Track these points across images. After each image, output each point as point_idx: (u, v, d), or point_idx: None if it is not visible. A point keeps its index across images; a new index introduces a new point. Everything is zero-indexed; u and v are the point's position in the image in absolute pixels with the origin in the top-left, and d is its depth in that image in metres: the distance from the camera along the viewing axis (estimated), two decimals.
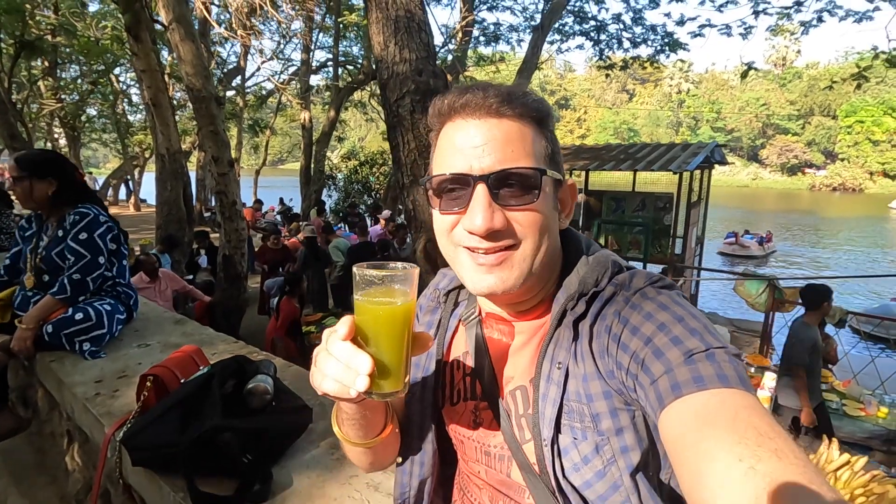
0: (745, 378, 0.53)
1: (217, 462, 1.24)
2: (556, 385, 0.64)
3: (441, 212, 0.67)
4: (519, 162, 0.63)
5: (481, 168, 0.62)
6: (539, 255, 0.65)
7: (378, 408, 0.72)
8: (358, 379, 0.54)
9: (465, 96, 0.65)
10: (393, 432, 0.77)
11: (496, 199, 0.63)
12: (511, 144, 0.63)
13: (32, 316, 2.04)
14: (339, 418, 0.72)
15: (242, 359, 1.55)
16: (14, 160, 2.15)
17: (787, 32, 14.22)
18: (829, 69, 58.93)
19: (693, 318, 0.59)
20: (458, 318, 0.81)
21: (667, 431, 0.52)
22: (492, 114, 0.64)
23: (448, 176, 0.65)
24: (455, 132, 0.66)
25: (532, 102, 0.66)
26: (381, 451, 0.79)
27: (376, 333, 0.57)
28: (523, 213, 0.64)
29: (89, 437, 1.76)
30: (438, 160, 0.68)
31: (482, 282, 0.65)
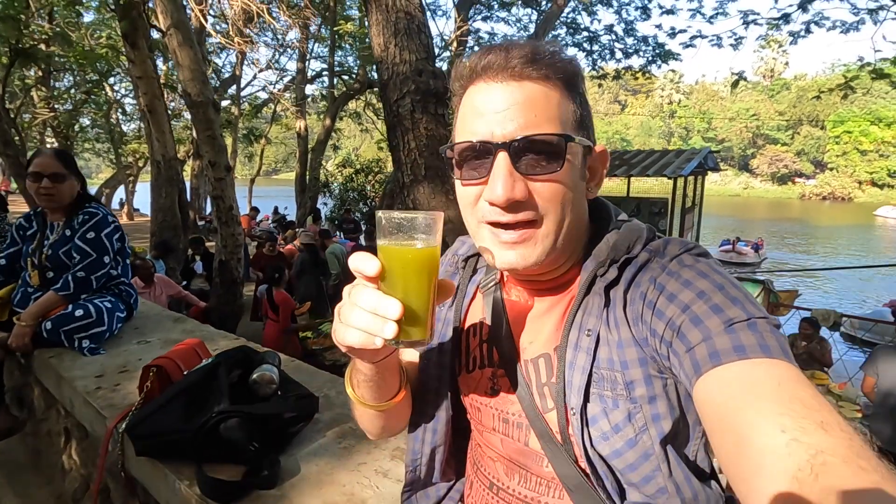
0: (787, 350, 0.51)
1: (224, 449, 1.23)
2: (586, 353, 0.63)
3: (463, 182, 0.65)
4: (543, 128, 0.59)
5: (503, 135, 0.59)
6: (563, 230, 0.63)
7: (393, 370, 0.71)
8: (386, 326, 0.53)
9: (487, 57, 0.62)
10: (406, 398, 0.76)
11: (518, 168, 0.60)
12: (535, 109, 0.60)
13: (32, 312, 2.02)
14: (355, 379, 0.71)
15: (248, 349, 1.54)
16: (56, 156, 2.16)
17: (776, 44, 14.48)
18: (817, 80, 59.93)
19: (733, 286, 0.57)
20: (477, 284, 0.80)
21: (704, 399, 0.51)
22: (514, 76, 0.60)
23: (468, 144, 0.62)
24: (476, 96, 0.63)
25: (560, 62, 0.62)
26: (393, 415, 0.77)
27: (403, 277, 0.56)
28: (547, 183, 0.61)
29: (89, 433, 1.73)
30: (460, 126, 0.66)
31: (504, 258, 0.63)
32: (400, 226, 0.56)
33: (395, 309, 0.53)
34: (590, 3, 12.14)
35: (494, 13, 13.04)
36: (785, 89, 64.21)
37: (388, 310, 0.53)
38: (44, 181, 2.09)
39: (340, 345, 0.58)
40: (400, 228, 0.56)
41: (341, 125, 19.44)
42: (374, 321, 0.54)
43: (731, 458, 0.46)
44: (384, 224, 0.56)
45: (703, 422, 0.52)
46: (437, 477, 0.82)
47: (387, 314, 0.53)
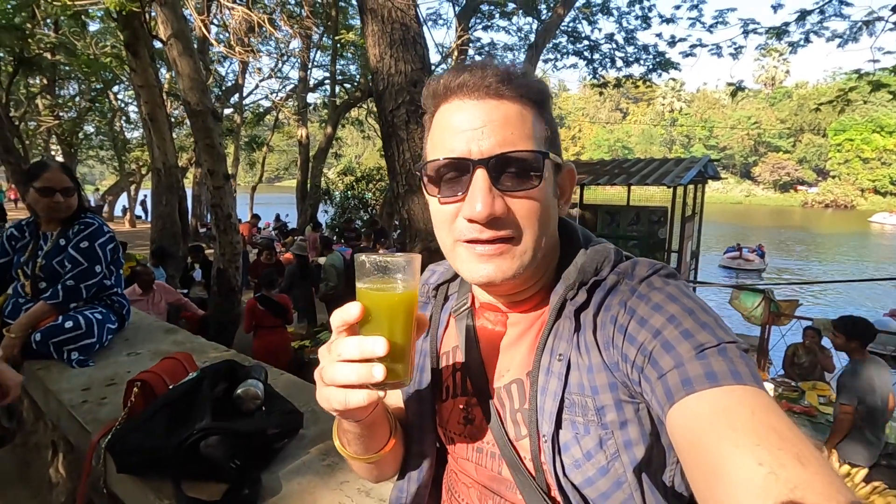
0: (757, 375, 0.51)
1: (205, 466, 1.21)
2: (557, 377, 0.62)
3: (441, 200, 0.64)
4: (520, 145, 0.60)
5: (480, 151, 0.59)
6: (540, 246, 0.63)
7: (381, 420, 0.71)
8: (374, 369, 0.52)
9: (461, 76, 0.62)
10: (397, 444, 0.75)
11: (496, 185, 0.60)
12: (511, 126, 0.60)
13: (22, 324, 2.01)
14: (343, 437, 0.71)
15: (233, 363, 1.52)
16: (65, 172, 2.19)
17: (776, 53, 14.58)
18: (818, 88, 60.11)
19: (703, 311, 0.57)
20: (449, 311, 0.78)
21: (677, 428, 0.50)
22: (490, 94, 0.61)
23: (445, 161, 0.62)
24: (452, 114, 0.63)
25: (533, 83, 0.63)
26: (389, 462, 0.77)
27: (388, 318, 0.56)
28: (524, 200, 0.61)
29: (74, 447, 1.71)
30: (434, 144, 0.65)
31: (480, 271, 0.62)
32: (381, 268, 0.56)
33: (380, 345, 0.52)
34: (590, 13, 12.23)
35: (495, 23, 13.13)
36: (786, 97, 64.35)
37: (374, 347, 0.52)
38: (56, 196, 2.12)
39: (330, 410, 0.58)
40: (381, 271, 0.56)
41: (343, 133, 19.56)
42: (361, 369, 0.53)
43: (705, 488, 0.46)
44: (367, 267, 0.56)
45: (677, 450, 0.51)
46: None
47: (374, 351, 0.52)
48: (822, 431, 4.81)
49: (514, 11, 12.48)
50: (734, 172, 63.81)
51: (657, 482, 0.62)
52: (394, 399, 0.82)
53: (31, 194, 2.14)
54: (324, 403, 0.57)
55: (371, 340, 0.53)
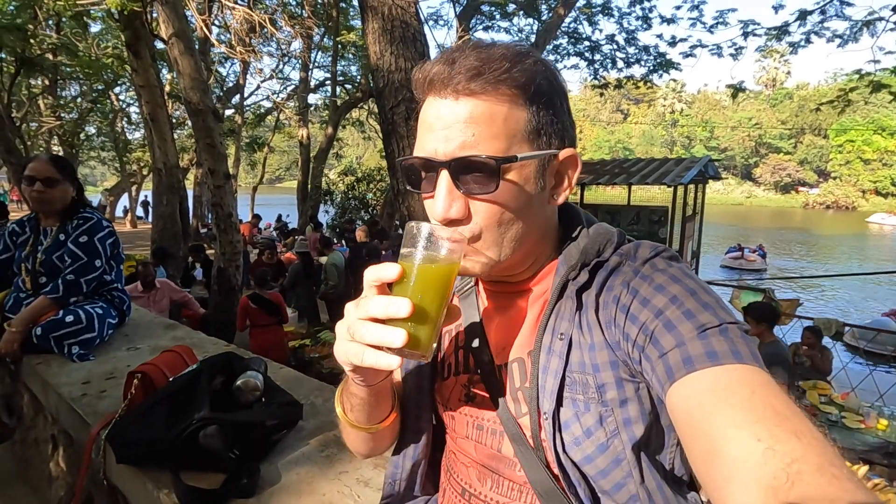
0: (757, 355, 0.52)
1: (204, 456, 1.21)
2: (558, 356, 0.62)
3: (422, 195, 0.65)
4: (479, 148, 0.58)
5: (444, 153, 0.59)
6: (504, 245, 0.62)
7: (387, 392, 0.71)
8: (396, 334, 0.52)
9: (433, 70, 0.60)
10: (396, 419, 0.76)
11: (459, 187, 0.59)
12: (476, 126, 0.58)
13: (22, 318, 2.02)
14: (347, 402, 0.71)
15: (232, 355, 1.53)
16: (51, 161, 2.17)
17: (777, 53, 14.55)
18: (819, 89, 60.06)
19: (705, 291, 0.57)
20: (454, 291, 0.79)
21: (677, 406, 0.51)
22: (457, 92, 0.58)
23: (417, 160, 0.62)
24: (427, 110, 0.62)
25: (515, 72, 0.58)
26: (384, 437, 0.78)
27: (422, 286, 0.55)
28: (484, 203, 0.60)
29: (74, 440, 1.71)
30: (417, 138, 0.65)
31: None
32: (428, 238, 0.56)
33: (405, 306, 0.52)
34: (591, 13, 12.24)
35: (496, 23, 13.15)
36: (787, 98, 64.34)
37: (399, 308, 0.52)
38: (36, 185, 2.09)
39: (346, 364, 0.58)
40: (428, 240, 0.56)
41: (344, 134, 19.59)
42: (383, 332, 0.52)
43: (704, 464, 0.46)
44: (414, 233, 0.57)
45: (676, 428, 0.52)
46: (417, 490, 0.82)
47: (398, 312, 0.52)
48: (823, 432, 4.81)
49: (514, 12, 12.49)
50: (735, 173, 63.78)
51: (656, 462, 0.63)
52: (394, 375, 0.82)
53: (23, 188, 2.15)
54: (341, 356, 0.57)
55: (398, 301, 0.52)
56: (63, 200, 2.17)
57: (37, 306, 2.04)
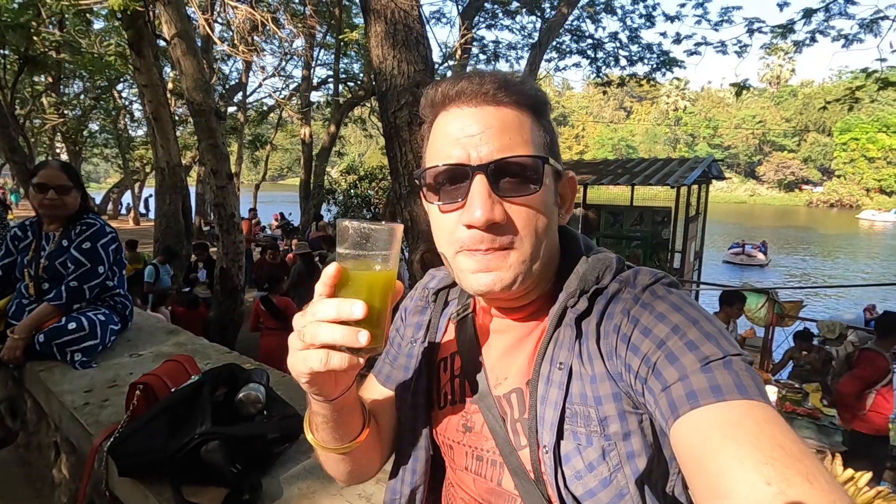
0: (762, 389, 0.50)
1: (206, 471, 1.21)
2: (558, 387, 0.61)
3: (441, 208, 0.63)
4: (518, 150, 0.60)
5: (479, 157, 0.59)
6: (539, 254, 0.62)
7: (353, 407, 0.69)
8: (360, 333, 0.52)
9: (459, 84, 0.62)
10: (371, 436, 0.73)
11: (496, 191, 0.59)
12: (509, 132, 0.60)
13: (25, 325, 2.02)
14: (313, 422, 0.69)
15: (234, 367, 1.52)
16: (62, 168, 2.18)
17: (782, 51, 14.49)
18: (824, 87, 59.70)
19: (707, 321, 0.56)
20: (448, 317, 0.78)
21: (681, 441, 0.50)
22: (488, 101, 0.61)
23: (445, 168, 0.61)
24: (450, 121, 0.63)
25: (529, 90, 0.63)
26: (360, 458, 0.75)
27: (366, 284, 0.55)
28: (523, 207, 0.61)
29: (76, 448, 1.72)
30: (433, 152, 0.65)
31: (479, 279, 0.61)
32: (363, 235, 0.56)
33: (359, 308, 0.52)
34: (594, 11, 12.17)
35: (499, 21, 13.09)
36: (791, 96, 64.00)
37: (352, 309, 0.52)
38: (49, 192, 2.11)
39: (304, 374, 0.56)
40: (363, 237, 0.56)
41: (346, 131, 19.57)
42: (346, 330, 0.52)
43: (709, 503, 0.45)
44: (349, 233, 0.56)
45: (680, 463, 0.51)
46: None
47: (351, 313, 0.52)
48: (826, 434, 4.79)
49: (517, 10, 12.43)
50: (738, 172, 63.54)
51: (658, 493, 0.62)
52: (382, 397, 0.81)
53: (31, 191, 2.15)
54: (299, 366, 0.55)
55: (349, 303, 0.52)
56: (73, 207, 2.18)
57: (40, 313, 2.04)
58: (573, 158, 28.47)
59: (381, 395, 0.81)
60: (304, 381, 0.58)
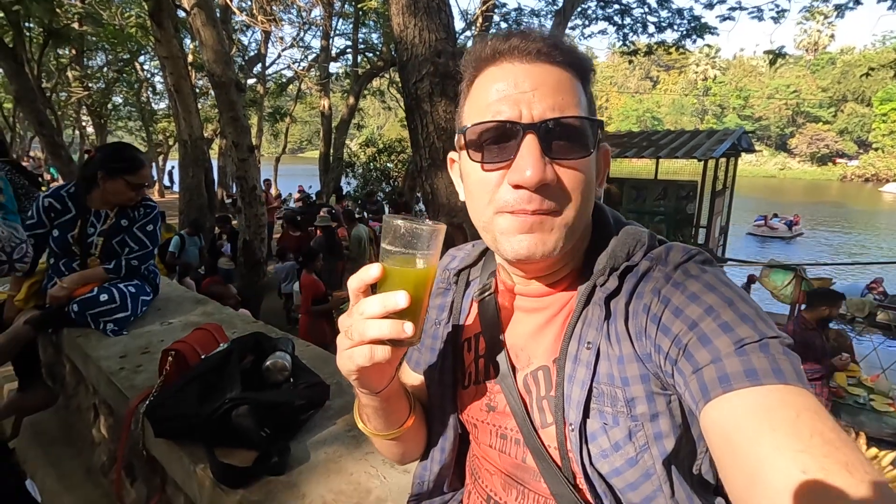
0: (801, 373, 0.48)
1: (236, 434, 1.26)
2: (586, 366, 0.60)
3: (484, 166, 0.61)
4: (571, 111, 0.58)
5: (532, 115, 0.57)
6: (581, 220, 0.61)
7: (399, 395, 0.71)
8: (405, 325, 0.54)
9: (511, 39, 0.60)
10: (418, 421, 0.76)
11: (547, 152, 0.57)
12: (562, 93, 0.59)
13: (74, 279, 2.12)
14: (364, 413, 0.72)
15: (261, 335, 1.56)
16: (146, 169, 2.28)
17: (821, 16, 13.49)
18: (865, 54, 56.59)
19: (743, 301, 0.54)
20: (471, 297, 0.77)
21: (713, 426, 0.48)
22: (542, 58, 0.59)
23: (493, 124, 0.59)
24: (499, 76, 0.60)
25: (581, 53, 0.62)
26: (410, 440, 0.78)
27: (406, 280, 0.57)
28: (573, 170, 0.59)
29: (114, 411, 1.80)
30: (477, 107, 0.62)
31: (521, 243, 0.59)
32: (408, 232, 0.57)
33: (402, 298, 0.53)
34: None
35: None
36: (829, 64, 60.91)
37: (396, 301, 0.54)
38: (143, 190, 2.23)
39: (352, 372, 0.59)
40: (408, 234, 0.57)
41: (364, 103, 19.40)
42: (393, 323, 0.54)
43: (743, 491, 0.44)
44: (394, 230, 0.58)
45: (711, 449, 0.50)
46: (445, 488, 0.83)
47: (396, 304, 0.53)
48: (851, 413, 4.74)
49: None
50: (769, 144, 61.22)
51: (685, 472, 0.61)
52: (416, 382, 0.83)
53: (118, 184, 2.13)
54: (347, 364, 0.57)
55: (392, 295, 0.54)
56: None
57: (93, 274, 2.14)
58: None
59: (416, 381, 0.83)
60: (354, 378, 0.60)
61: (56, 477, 2.20)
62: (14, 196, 2.79)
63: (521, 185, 0.57)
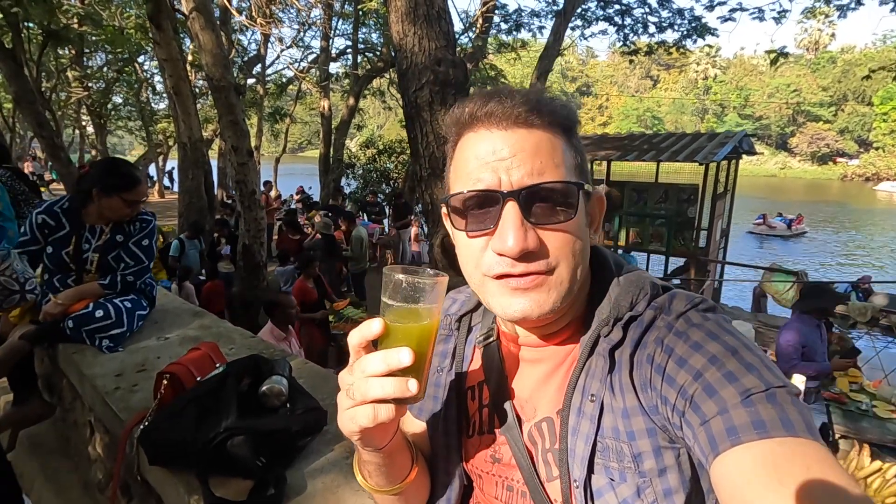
0: (811, 424, 0.47)
1: (231, 463, 1.24)
2: (590, 420, 0.59)
3: (469, 234, 0.61)
4: (551, 175, 0.58)
5: (510, 182, 0.58)
6: (577, 278, 0.60)
7: (401, 448, 0.69)
8: (409, 382, 0.52)
9: (489, 104, 0.59)
10: (421, 474, 0.74)
11: (528, 217, 0.57)
12: (541, 156, 0.58)
13: (69, 294, 2.09)
14: (364, 469, 0.70)
15: (258, 358, 1.54)
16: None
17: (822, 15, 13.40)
18: (866, 53, 56.47)
19: (747, 349, 0.53)
20: (473, 344, 0.75)
21: (722, 482, 0.47)
22: (519, 123, 0.59)
23: (473, 193, 0.59)
24: (478, 143, 0.60)
25: (560, 109, 0.61)
26: (413, 495, 0.76)
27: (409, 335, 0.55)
28: (558, 232, 0.58)
29: (109, 430, 1.78)
30: (459, 175, 0.62)
31: (514, 306, 0.59)
32: (409, 286, 0.56)
33: (406, 356, 0.51)
34: None
35: None
36: (830, 63, 60.73)
37: (400, 358, 0.52)
38: (138, 206, 2.19)
39: (355, 433, 0.57)
40: (408, 288, 0.56)
41: (364, 104, 19.36)
42: (396, 381, 0.52)
43: None
44: (394, 283, 0.56)
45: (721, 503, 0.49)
46: None
47: (400, 362, 0.51)
48: (853, 419, 4.70)
49: None
50: (769, 144, 61.11)
51: None
52: (418, 430, 0.81)
53: (114, 202, 2.10)
54: (349, 425, 0.56)
55: (395, 352, 0.52)
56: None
57: (87, 289, 2.11)
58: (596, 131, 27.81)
59: (418, 429, 0.81)
60: (356, 438, 0.58)
61: (53, 491, 2.18)
62: (13, 202, 2.76)
63: (504, 253, 0.57)
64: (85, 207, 2.15)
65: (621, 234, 9.07)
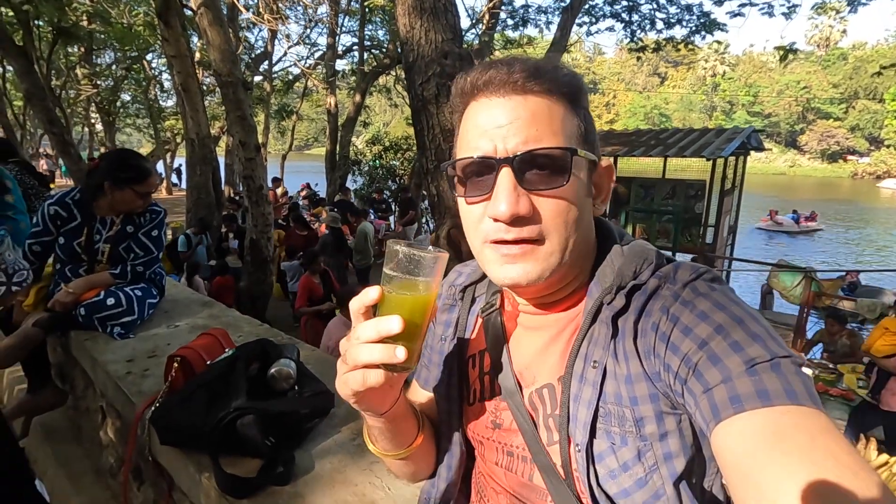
0: (814, 393, 0.48)
1: (241, 443, 1.26)
2: (592, 386, 0.60)
3: (467, 200, 0.63)
4: (547, 141, 0.59)
5: (506, 150, 0.59)
6: (568, 248, 0.61)
7: (406, 415, 0.71)
8: (397, 349, 0.54)
9: (488, 73, 0.61)
10: (427, 440, 0.76)
11: (522, 183, 0.59)
12: (538, 123, 0.59)
13: (80, 284, 2.11)
14: (371, 435, 0.73)
15: (266, 342, 1.56)
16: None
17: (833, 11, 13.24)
18: (878, 50, 55.76)
19: (753, 320, 0.53)
20: (476, 314, 0.77)
21: (724, 448, 0.48)
22: (517, 90, 0.60)
23: (469, 160, 0.61)
24: (478, 112, 0.62)
25: (563, 76, 0.61)
26: (421, 459, 0.78)
27: (405, 305, 0.58)
28: (552, 199, 0.59)
29: (121, 415, 1.81)
30: (462, 143, 0.64)
31: (506, 272, 0.61)
32: (408, 258, 0.58)
33: (396, 323, 0.54)
34: None
35: None
36: (841, 59, 60.05)
37: (390, 326, 0.54)
38: (149, 197, 2.22)
39: (350, 396, 0.60)
40: (407, 261, 0.58)
41: (370, 101, 19.40)
42: (383, 348, 0.55)
43: None
44: (396, 255, 0.58)
45: (723, 471, 0.49)
46: None
47: (390, 329, 0.54)
48: None
49: None
50: (779, 141, 60.56)
51: (696, 491, 0.61)
52: (425, 400, 0.83)
53: (126, 194, 2.13)
54: (343, 388, 0.59)
55: (386, 319, 0.54)
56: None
57: (98, 279, 2.14)
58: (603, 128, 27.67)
59: (425, 398, 0.83)
60: (353, 401, 0.61)
61: (66, 477, 2.22)
62: (23, 196, 2.79)
63: (498, 218, 0.59)
64: (96, 200, 2.17)
65: (628, 229, 9.04)
